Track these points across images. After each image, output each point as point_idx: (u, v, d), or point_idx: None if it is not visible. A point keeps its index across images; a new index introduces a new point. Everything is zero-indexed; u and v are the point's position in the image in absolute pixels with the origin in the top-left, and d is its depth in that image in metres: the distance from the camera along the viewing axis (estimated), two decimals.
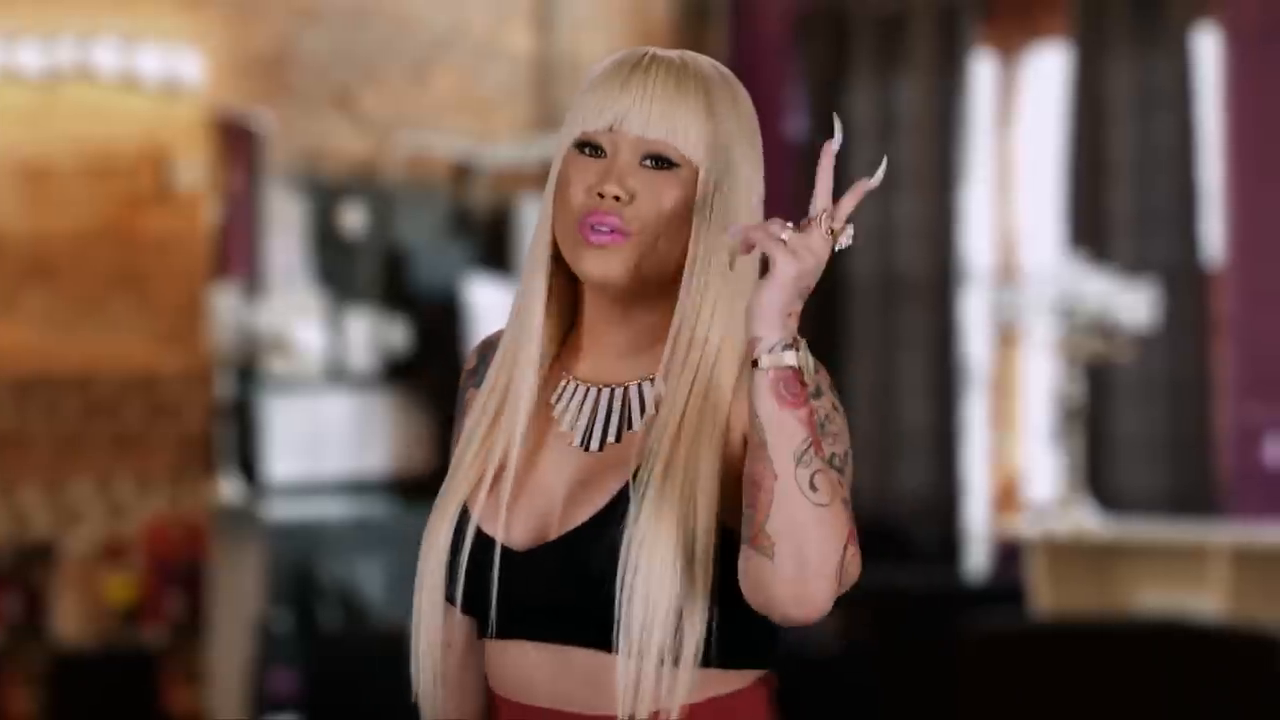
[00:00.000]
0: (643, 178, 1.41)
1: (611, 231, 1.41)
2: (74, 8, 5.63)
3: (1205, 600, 5.11)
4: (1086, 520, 5.43)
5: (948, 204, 6.23)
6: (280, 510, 5.73)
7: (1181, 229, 5.71)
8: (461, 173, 6.48)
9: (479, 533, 1.42)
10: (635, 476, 1.39)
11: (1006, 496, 6.36)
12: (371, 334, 6.10)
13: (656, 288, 1.43)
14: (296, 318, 5.81)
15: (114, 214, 5.64)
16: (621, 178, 1.41)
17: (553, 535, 1.41)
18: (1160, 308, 5.40)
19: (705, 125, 1.42)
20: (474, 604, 1.43)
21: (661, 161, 1.42)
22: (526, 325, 1.45)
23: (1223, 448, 5.71)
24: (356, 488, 6.04)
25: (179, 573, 5.64)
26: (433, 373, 6.19)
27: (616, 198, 1.41)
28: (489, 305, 6.26)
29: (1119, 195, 5.82)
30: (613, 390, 1.45)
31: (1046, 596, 5.27)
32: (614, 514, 1.39)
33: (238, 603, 5.49)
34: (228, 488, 5.72)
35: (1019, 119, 6.42)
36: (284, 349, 5.76)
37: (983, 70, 6.30)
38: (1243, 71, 5.68)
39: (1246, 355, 5.69)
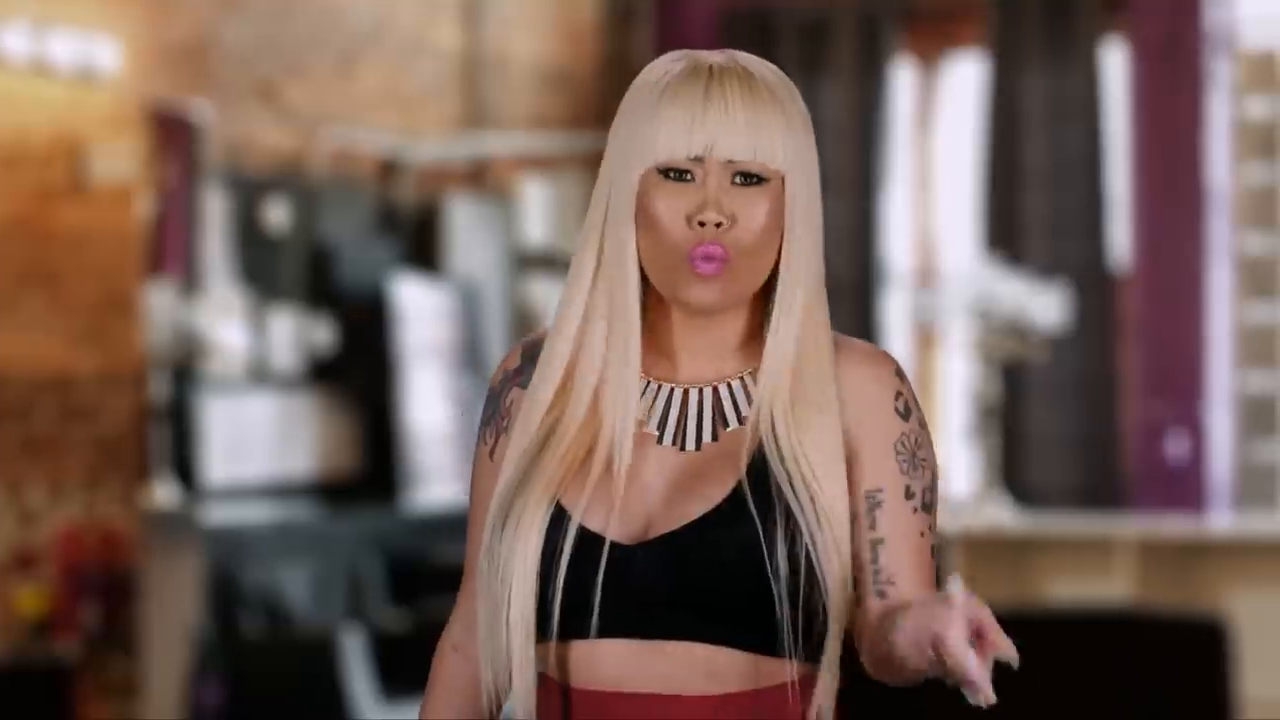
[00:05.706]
0: (737, 198, 1.50)
1: (717, 261, 1.50)
2: None
3: (1113, 589, 5.59)
4: (1001, 515, 5.92)
5: (868, 208, 6.72)
6: (206, 515, 5.72)
7: (1091, 234, 6.32)
8: (388, 169, 6.59)
9: (582, 530, 1.50)
10: (758, 477, 1.50)
11: None
12: (295, 333, 6.15)
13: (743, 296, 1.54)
14: (219, 317, 5.83)
15: (25, 206, 5.55)
16: (719, 203, 1.49)
17: (660, 530, 1.49)
18: (1071, 309, 5.91)
19: (786, 133, 1.50)
20: (570, 600, 1.49)
21: (751, 178, 1.50)
22: (621, 345, 1.53)
23: (1128, 444, 6.31)
24: (280, 491, 6.06)
25: (95, 582, 5.62)
26: (358, 373, 6.32)
27: (718, 224, 1.49)
28: (415, 304, 6.45)
29: (1033, 200, 6.40)
30: (701, 390, 1.55)
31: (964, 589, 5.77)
32: (734, 510, 1.49)
33: (171, 611, 5.49)
34: (161, 492, 5.71)
35: (937, 126, 6.94)
36: (206, 349, 5.76)
37: (903, 77, 6.81)
38: (1147, 84, 6.30)
39: (1150, 355, 6.29)
